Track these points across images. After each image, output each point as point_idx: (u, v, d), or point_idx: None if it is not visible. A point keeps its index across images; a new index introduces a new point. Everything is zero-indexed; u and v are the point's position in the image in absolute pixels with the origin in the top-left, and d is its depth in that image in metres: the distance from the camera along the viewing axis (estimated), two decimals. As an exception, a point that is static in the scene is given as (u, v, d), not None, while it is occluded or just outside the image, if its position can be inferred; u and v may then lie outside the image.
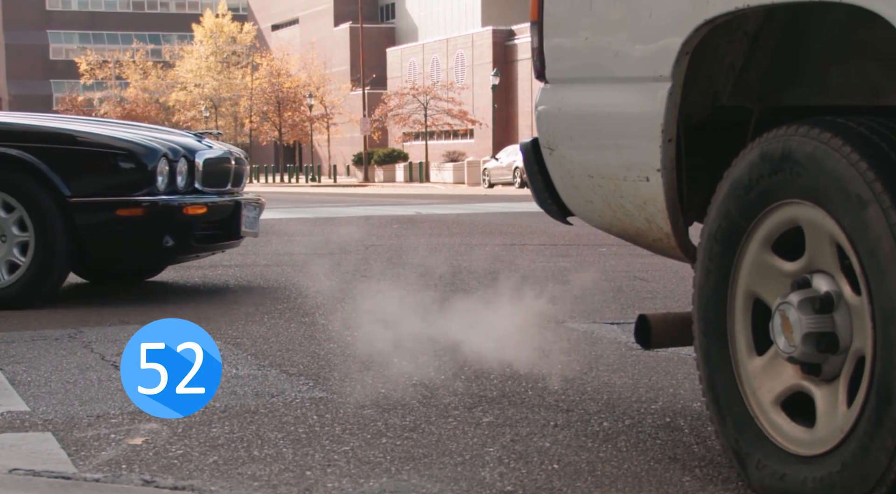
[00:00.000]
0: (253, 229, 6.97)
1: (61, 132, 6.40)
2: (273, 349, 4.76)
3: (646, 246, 3.11)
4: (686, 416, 3.51)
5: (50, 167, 6.11)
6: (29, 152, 6.13)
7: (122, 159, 6.23)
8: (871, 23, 2.35)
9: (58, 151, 6.21)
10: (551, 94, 3.27)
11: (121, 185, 6.21)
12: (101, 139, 6.32)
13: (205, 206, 6.40)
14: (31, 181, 6.11)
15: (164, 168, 6.28)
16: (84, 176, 6.21)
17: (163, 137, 6.65)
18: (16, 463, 2.97)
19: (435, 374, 4.13)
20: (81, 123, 7.02)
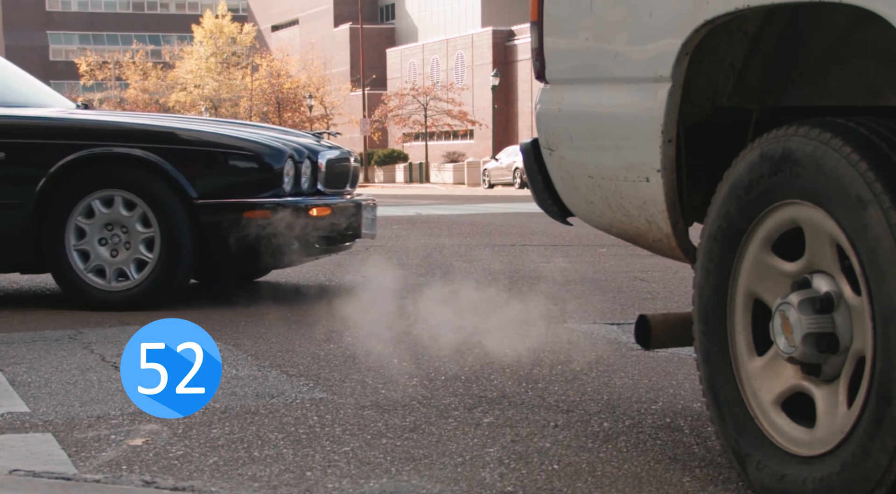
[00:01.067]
0: (371, 231, 6.90)
1: (187, 133, 6.33)
2: (273, 350, 4.76)
3: (646, 247, 3.11)
4: (686, 416, 3.51)
5: (176, 169, 6.05)
6: (155, 153, 6.07)
7: (249, 161, 6.17)
8: (871, 23, 2.35)
9: (184, 153, 6.15)
10: (551, 94, 3.27)
11: (247, 186, 6.13)
12: (227, 140, 6.25)
13: (329, 207, 6.34)
14: (158, 182, 6.04)
15: (289, 169, 6.22)
16: (210, 177, 6.14)
17: (286, 138, 6.60)
18: (16, 464, 2.97)
19: (435, 374, 4.13)
20: (206, 124, 6.96)
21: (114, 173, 6.10)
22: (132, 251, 6.10)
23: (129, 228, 6.09)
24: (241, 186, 6.14)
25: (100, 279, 6.12)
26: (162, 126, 6.55)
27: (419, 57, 68.56)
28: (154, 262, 6.06)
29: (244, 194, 6.13)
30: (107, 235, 6.12)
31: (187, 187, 6.05)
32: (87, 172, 6.11)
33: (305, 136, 7.06)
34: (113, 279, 6.12)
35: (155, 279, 6.06)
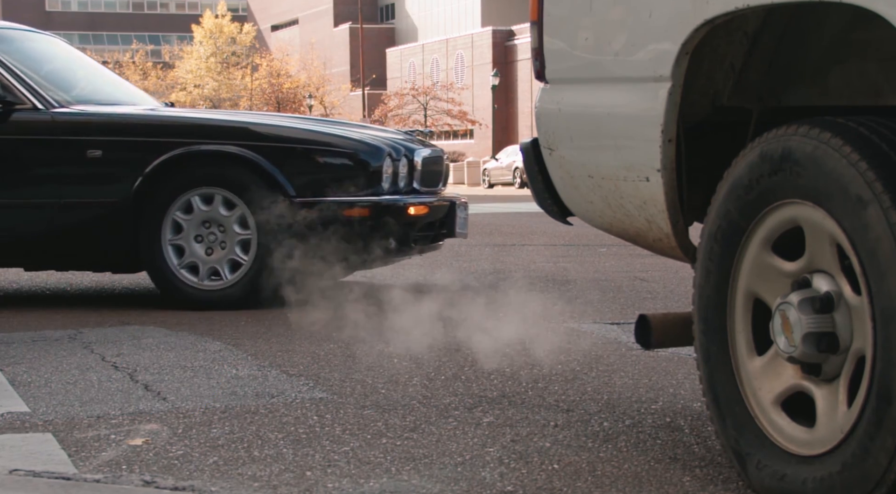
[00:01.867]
0: (464, 231, 6.83)
1: (286, 131, 6.28)
2: (273, 350, 4.76)
3: (646, 246, 3.11)
4: (686, 416, 3.51)
5: (275, 166, 5.99)
6: (253, 151, 6.01)
7: (348, 158, 6.12)
8: (871, 23, 2.35)
9: (283, 150, 6.08)
10: (551, 94, 3.27)
11: (346, 184, 6.06)
12: (326, 138, 6.20)
13: (427, 206, 6.28)
14: (255, 180, 5.99)
15: (388, 168, 6.16)
16: (309, 175, 6.07)
17: (382, 136, 6.54)
18: (16, 464, 2.97)
19: (435, 374, 4.13)
20: (303, 122, 6.89)
21: (210, 171, 6.05)
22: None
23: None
24: (339, 184, 6.06)
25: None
26: (260, 123, 6.50)
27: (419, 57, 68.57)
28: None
29: (343, 192, 6.05)
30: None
31: (286, 184, 5.98)
32: (183, 169, 6.06)
33: (399, 134, 7.01)
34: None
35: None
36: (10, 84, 6.22)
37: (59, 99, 6.33)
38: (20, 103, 6.20)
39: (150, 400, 3.79)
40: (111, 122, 6.34)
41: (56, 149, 6.18)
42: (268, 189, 5.97)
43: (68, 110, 6.27)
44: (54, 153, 6.18)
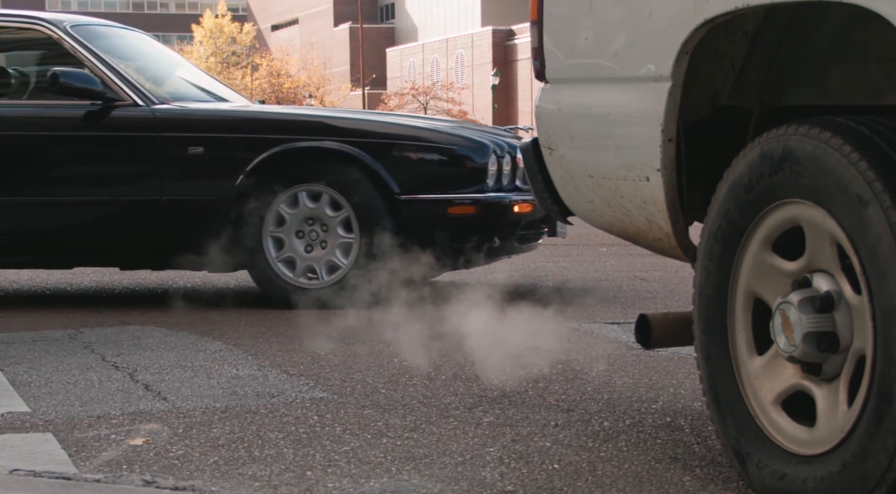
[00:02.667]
0: (563, 230, 6.73)
1: (389, 127, 6.23)
2: (273, 350, 4.76)
3: (646, 246, 3.11)
4: (687, 416, 3.51)
5: (379, 163, 5.92)
6: (358, 147, 5.94)
7: (454, 156, 6.03)
8: (871, 23, 2.35)
9: (387, 146, 5.99)
10: (551, 94, 3.27)
11: (452, 182, 5.97)
12: (430, 134, 6.11)
13: (530, 204, 6.14)
14: (359, 177, 5.92)
15: (493, 165, 6.07)
16: (413, 172, 5.98)
17: (485, 133, 6.48)
18: (17, 464, 2.97)
19: (435, 374, 4.13)
20: (406, 118, 6.82)
21: (312, 168, 5.98)
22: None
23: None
24: (444, 181, 5.98)
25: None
26: (362, 119, 6.46)
27: (419, 56, 68.57)
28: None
29: (448, 189, 5.97)
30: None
31: (390, 181, 5.91)
32: (285, 166, 5.99)
33: (500, 131, 6.93)
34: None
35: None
36: (110, 80, 6.14)
37: (159, 95, 6.26)
38: (120, 100, 6.12)
39: (151, 400, 3.79)
40: (213, 118, 6.28)
41: (157, 146, 6.09)
42: (371, 186, 5.90)
43: (169, 107, 6.20)
44: (155, 150, 6.09)
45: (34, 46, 6.72)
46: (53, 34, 6.34)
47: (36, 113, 6.32)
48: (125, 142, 6.16)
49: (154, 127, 6.10)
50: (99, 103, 6.12)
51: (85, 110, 6.13)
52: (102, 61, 6.23)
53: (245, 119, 6.36)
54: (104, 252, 6.27)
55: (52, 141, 6.22)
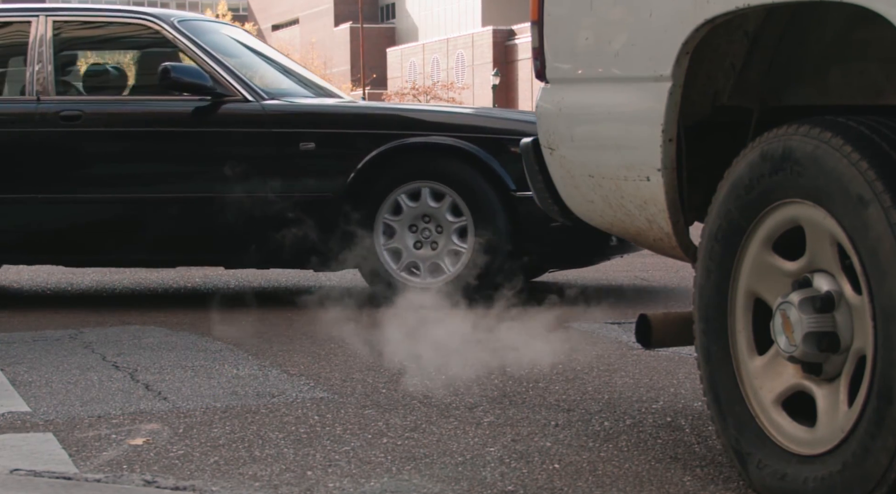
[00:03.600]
0: None
1: (502, 122, 6.14)
2: (274, 349, 4.76)
3: (646, 246, 3.11)
4: (687, 416, 3.51)
5: (493, 158, 5.83)
6: (471, 143, 5.86)
7: None
8: (871, 22, 2.35)
9: (500, 142, 5.89)
10: (552, 94, 3.27)
11: None
12: None
13: None
14: (473, 173, 5.85)
15: None
16: None
17: None
18: (17, 464, 2.97)
19: (435, 374, 4.13)
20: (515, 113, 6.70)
21: (426, 164, 5.91)
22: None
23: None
24: None
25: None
26: (473, 115, 6.37)
27: (419, 56, 68.57)
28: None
29: None
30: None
31: (505, 177, 5.82)
32: (397, 162, 5.90)
33: None
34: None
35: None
36: (219, 76, 6.06)
37: (268, 90, 6.18)
38: (229, 95, 6.04)
39: (151, 400, 3.79)
40: (325, 113, 6.18)
41: (268, 141, 6.00)
42: (485, 182, 5.83)
43: (279, 102, 6.12)
44: (266, 146, 6.00)
45: (140, 42, 6.63)
46: (162, 29, 6.25)
47: (142, 109, 6.25)
48: (234, 138, 6.05)
49: (264, 123, 6.01)
50: (208, 99, 6.03)
51: (193, 106, 6.06)
52: (211, 56, 6.14)
53: (357, 115, 6.25)
54: (208, 251, 6.16)
55: (159, 137, 6.12)
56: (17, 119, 6.21)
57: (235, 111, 6.05)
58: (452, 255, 5.92)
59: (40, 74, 6.22)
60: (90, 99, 6.38)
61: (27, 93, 6.24)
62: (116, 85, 6.75)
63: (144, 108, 6.27)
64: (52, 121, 6.14)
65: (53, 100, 6.20)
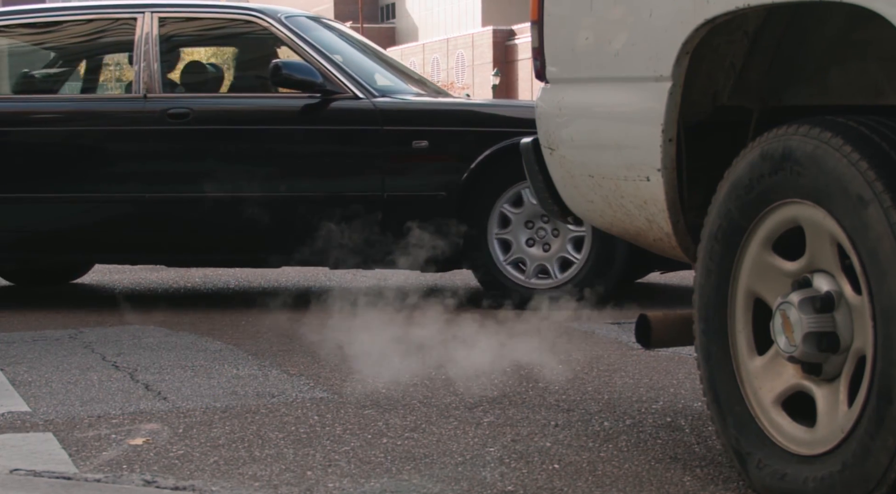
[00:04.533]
0: None
1: None
2: (274, 349, 4.76)
3: (646, 246, 3.11)
4: (687, 416, 3.51)
5: None
6: None
7: None
8: (871, 22, 2.35)
9: None
10: (551, 94, 3.27)
11: None
12: None
13: None
14: None
15: None
16: None
17: None
18: (17, 464, 2.97)
19: (435, 374, 4.13)
20: None
21: None
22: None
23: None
24: None
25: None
26: None
27: (419, 56, 68.57)
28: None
29: None
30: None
31: None
32: (511, 162, 5.67)
33: None
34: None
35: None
36: (329, 72, 5.96)
37: (378, 87, 6.08)
38: (340, 92, 5.93)
39: (151, 400, 3.79)
40: (438, 111, 6.07)
41: (379, 140, 5.90)
42: None
43: (391, 99, 6.03)
44: (377, 144, 5.90)
45: (246, 38, 6.56)
46: (270, 26, 6.16)
47: (251, 106, 6.17)
48: (345, 136, 5.95)
49: (376, 120, 5.91)
50: (318, 96, 5.93)
51: (302, 103, 5.95)
52: (320, 53, 6.05)
53: (472, 112, 6.15)
54: (315, 250, 5.95)
55: (268, 135, 6.02)
56: (125, 117, 6.14)
57: (346, 108, 5.93)
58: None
59: (146, 71, 6.12)
60: (197, 96, 6.26)
61: (133, 90, 6.16)
62: (215, 82, 6.67)
63: (253, 105, 6.17)
64: (160, 119, 6.05)
65: (160, 98, 6.11)
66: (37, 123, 6.29)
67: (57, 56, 7.01)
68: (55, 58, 7.02)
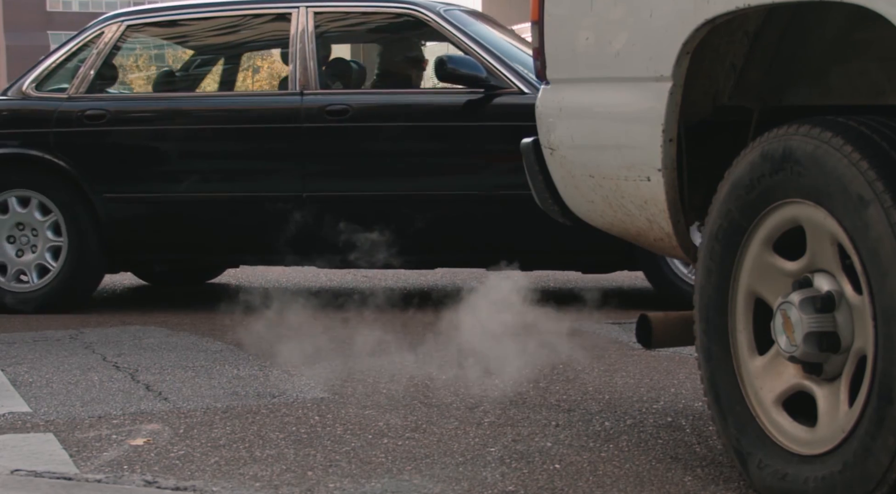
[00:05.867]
0: None
1: None
2: (274, 350, 4.76)
3: (647, 246, 3.11)
4: (688, 416, 3.51)
5: None
6: None
7: None
8: (872, 22, 2.35)
9: None
10: (552, 94, 3.27)
11: None
12: None
13: None
14: None
15: None
16: None
17: None
18: (18, 464, 2.97)
19: (436, 374, 4.13)
20: None
21: None
22: None
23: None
24: None
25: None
26: None
27: (420, 57, 68.54)
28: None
29: None
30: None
31: None
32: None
33: None
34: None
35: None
36: (493, 67, 5.79)
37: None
38: (504, 88, 5.76)
39: (152, 400, 3.79)
40: None
41: None
42: None
43: None
44: None
45: (402, 32, 6.42)
46: (429, 20, 5.99)
47: (411, 102, 6.00)
48: (511, 132, 5.53)
49: None
50: (480, 92, 5.75)
51: (465, 99, 5.77)
52: (482, 47, 5.88)
53: None
54: (472, 251, 5.85)
55: (430, 132, 5.85)
56: (281, 115, 5.95)
57: (511, 104, 5.75)
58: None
59: (303, 67, 5.97)
60: (354, 93, 6.17)
61: (290, 87, 6.01)
62: (360, 77, 6.54)
63: (413, 101, 6.00)
64: (318, 116, 5.89)
65: (318, 94, 5.93)
66: (190, 120, 6.08)
67: (205, 53, 6.91)
68: (203, 55, 6.92)
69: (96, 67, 6.20)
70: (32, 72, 6.30)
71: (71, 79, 6.22)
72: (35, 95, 6.21)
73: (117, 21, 6.28)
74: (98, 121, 6.04)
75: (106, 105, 6.11)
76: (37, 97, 6.21)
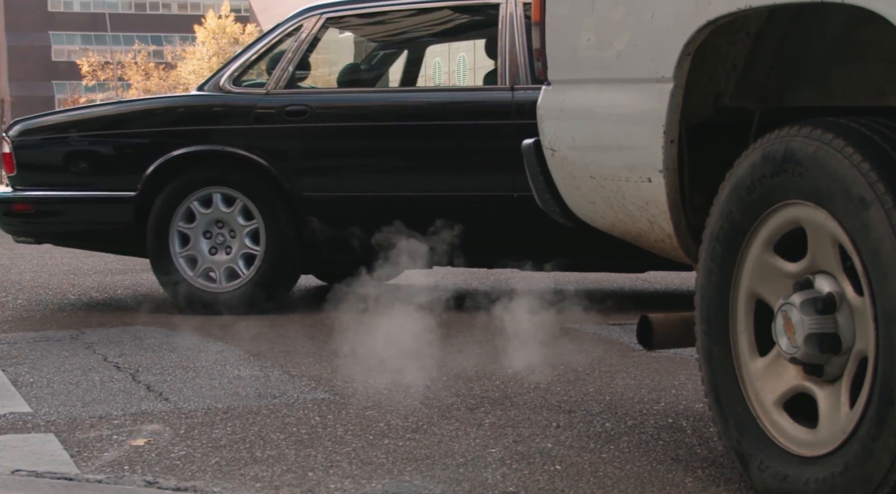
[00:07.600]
0: None
1: None
2: (275, 350, 4.76)
3: (648, 247, 3.11)
4: (688, 417, 3.51)
5: None
6: None
7: None
8: (873, 23, 2.35)
9: None
10: (553, 95, 3.28)
11: None
12: None
13: None
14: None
15: None
16: None
17: None
18: (18, 464, 2.97)
19: (437, 375, 4.13)
20: None
21: None
22: None
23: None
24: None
25: None
26: None
27: (421, 58, 68.54)
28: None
29: None
30: None
31: None
32: None
33: None
34: None
35: None
36: None
37: None
38: None
39: (153, 401, 3.79)
40: None
41: None
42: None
43: None
44: None
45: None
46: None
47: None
48: None
49: None
50: None
51: None
52: None
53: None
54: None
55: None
56: (490, 111, 5.75)
57: None
58: None
59: (512, 61, 5.78)
60: None
61: (499, 81, 5.81)
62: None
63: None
64: (529, 113, 5.78)
65: (527, 88, 5.68)
66: (397, 116, 5.87)
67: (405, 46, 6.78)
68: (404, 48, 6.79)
69: (295, 61, 6.05)
70: (229, 66, 6.12)
71: (270, 72, 6.05)
72: (233, 91, 6.04)
73: (316, 14, 6.14)
74: (299, 117, 5.89)
75: (307, 99, 5.96)
76: (235, 92, 6.04)
